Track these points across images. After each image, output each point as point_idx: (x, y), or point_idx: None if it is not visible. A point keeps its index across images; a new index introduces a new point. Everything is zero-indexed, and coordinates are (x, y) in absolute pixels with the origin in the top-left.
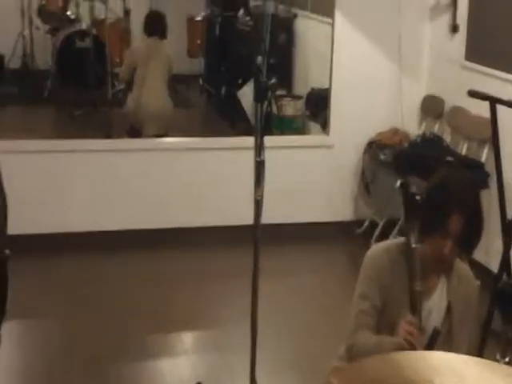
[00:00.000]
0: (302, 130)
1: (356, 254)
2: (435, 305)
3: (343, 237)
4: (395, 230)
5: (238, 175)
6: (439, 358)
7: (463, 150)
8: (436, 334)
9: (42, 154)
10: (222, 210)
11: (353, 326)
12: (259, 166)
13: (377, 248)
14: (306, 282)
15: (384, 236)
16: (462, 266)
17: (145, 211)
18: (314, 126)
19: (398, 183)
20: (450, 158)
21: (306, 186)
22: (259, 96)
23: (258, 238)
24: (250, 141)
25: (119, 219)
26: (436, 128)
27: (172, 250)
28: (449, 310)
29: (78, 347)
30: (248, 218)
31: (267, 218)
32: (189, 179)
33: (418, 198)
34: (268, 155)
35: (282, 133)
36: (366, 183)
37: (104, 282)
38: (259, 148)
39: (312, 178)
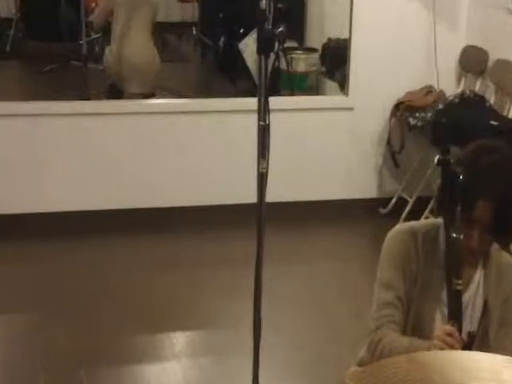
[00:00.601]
0: (315, 90)
1: (380, 239)
2: (469, 303)
3: (365, 218)
4: (428, 210)
5: (240, 144)
6: (473, 359)
7: (510, 112)
8: (471, 339)
9: (4, 119)
10: (220, 185)
11: (375, 321)
12: (263, 132)
13: (401, 228)
14: (320, 271)
15: (414, 216)
16: (503, 257)
17: (129, 188)
18: (331, 85)
19: (436, 159)
20: (493, 123)
21: (320, 157)
22: (264, 48)
23: (262, 220)
24: (253, 102)
25: (99, 197)
26: (477, 86)
27: (163, 234)
28: (485, 309)
29: (53, 348)
30: (251, 196)
31: (274, 195)
32: (181, 148)
33: (461, 177)
34: (275, 120)
35: (292, 93)
36: (393, 153)
37: (85, 272)
38: (264, 111)
39: (328, 147)
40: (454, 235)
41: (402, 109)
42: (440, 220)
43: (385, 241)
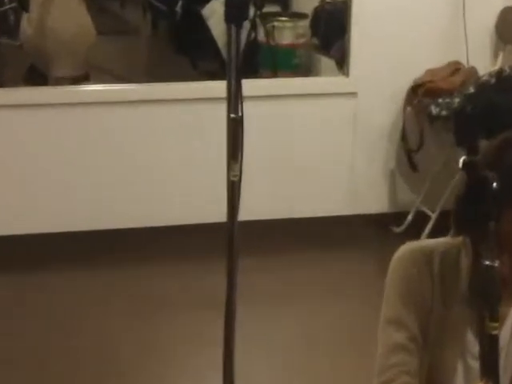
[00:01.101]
0: (306, 69)
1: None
2: (503, 349)
3: (374, 239)
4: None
5: (204, 143)
6: None
7: None
8: None
9: None
10: (179, 200)
11: (382, 374)
12: (235, 128)
13: (411, 247)
14: (315, 312)
15: (438, 237)
16: None
17: (55, 204)
18: (326, 63)
19: (461, 161)
20: None
21: (313, 160)
22: (235, 14)
23: (235, 245)
24: (221, 88)
25: (18, 219)
26: None
27: (108, 265)
28: None
29: None
30: (220, 213)
31: (251, 211)
32: (125, 150)
33: (494, 184)
34: (251, 110)
35: (275, 73)
36: (410, 152)
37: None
38: (235, 98)
39: (323, 145)
40: (488, 262)
41: (421, 93)
42: (461, 239)
43: (390, 264)
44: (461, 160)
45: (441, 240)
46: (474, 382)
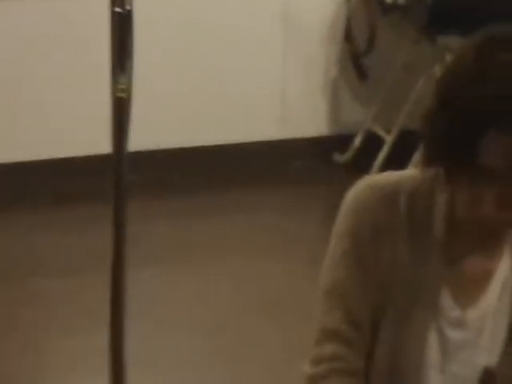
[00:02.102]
0: None
1: (336, 207)
2: (487, 317)
3: (312, 170)
4: (417, 155)
5: (80, 47)
6: None
7: None
8: (489, 377)
9: None
10: (52, 131)
11: (315, 364)
12: (121, 26)
13: (370, 183)
14: (236, 270)
15: (395, 166)
16: None
17: None
18: None
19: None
20: None
21: (231, 71)
22: None
23: (122, 183)
24: None
25: None
26: None
27: None
28: None
29: None
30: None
31: (147, 139)
32: None
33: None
34: (148, 3)
35: None
36: (356, 56)
37: None
38: None
39: (245, 49)
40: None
41: None
42: (433, 172)
43: (341, 208)
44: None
45: (406, 173)
46: (453, 355)
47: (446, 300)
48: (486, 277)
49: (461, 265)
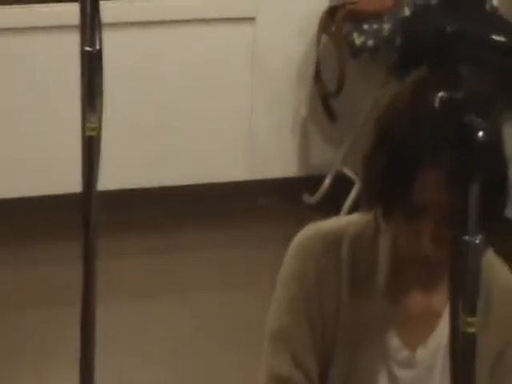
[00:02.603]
0: None
1: None
2: (441, 347)
3: (279, 212)
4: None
5: (49, 85)
6: None
7: None
8: None
9: None
10: (21, 165)
11: None
12: (91, 64)
13: (313, 231)
14: (198, 303)
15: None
16: (495, 271)
17: None
18: None
19: (439, 98)
20: (498, 38)
21: (198, 110)
22: None
23: (91, 222)
24: (72, 12)
25: None
26: None
27: None
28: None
29: None
30: (74, 181)
31: (115, 178)
32: None
33: (480, 133)
34: (114, 41)
35: None
36: (325, 97)
37: None
38: (91, 26)
39: (212, 89)
40: (469, 237)
41: (341, 17)
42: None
43: (286, 254)
44: (438, 96)
45: (353, 218)
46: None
47: (394, 341)
48: (433, 315)
49: (406, 305)
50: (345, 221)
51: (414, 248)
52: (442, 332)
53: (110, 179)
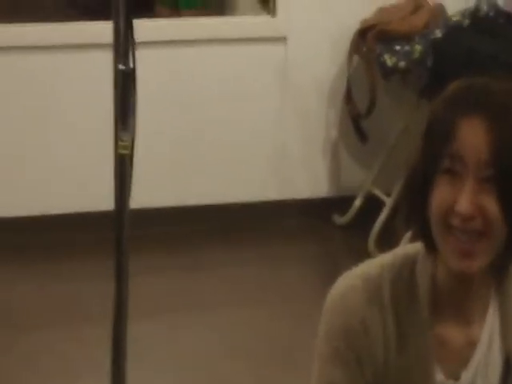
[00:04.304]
0: (217, 6)
1: (334, 268)
2: (480, 368)
3: (310, 232)
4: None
5: (84, 103)
6: None
7: None
8: None
9: None
10: (50, 186)
11: None
12: (124, 83)
13: (351, 282)
14: (234, 318)
15: (394, 229)
16: None
17: None
18: None
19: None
20: None
21: (228, 129)
22: None
23: (123, 239)
24: (106, 30)
25: None
26: None
27: None
28: (509, 369)
29: None
30: (107, 199)
31: (147, 196)
32: None
33: None
34: (146, 60)
35: (177, 11)
36: (357, 117)
37: None
38: (124, 45)
39: (242, 108)
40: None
41: (372, 38)
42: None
43: (325, 307)
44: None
45: (386, 261)
46: None
47: (439, 376)
48: (471, 345)
49: (448, 340)
50: (379, 265)
51: (447, 266)
52: (478, 360)
53: (138, 197)
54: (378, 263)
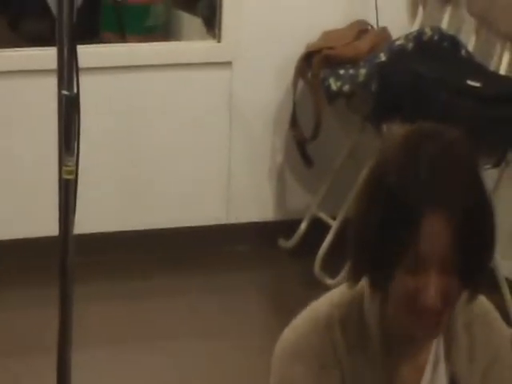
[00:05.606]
0: (163, 31)
1: (280, 294)
2: None
3: (255, 256)
4: None
5: (27, 129)
6: None
7: (502, 63)
8: None
9: None
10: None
11: None
12: (68, 108)
13: (300, 332)
14: (169, 352)
15: (340, 252)
16: (474, 305)
17: None
18: (192, 23)
19: None
20: (473, 83)
21: (174, 153)
22: None
23: (68, 266)
24: (49, 56)
25: None
26: (445, 20)
27: None
28: None
29: None
30: (50, 226)
31: (92, 221)
32: None
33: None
34: (90, 85)
35: (123, 36)
36: (302, 142)
37: None
38: (68, 70)
39: (187, 132)
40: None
41: (317, 62)
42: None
43: (276, 359)
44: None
45: (333, 301)
46: None
47: None
48: (418, 372)
49: (399, 370)
50: (327, 302)
51: (415, 306)
52: (426, 371)
53: (84, 222)
54: (327, 302)
